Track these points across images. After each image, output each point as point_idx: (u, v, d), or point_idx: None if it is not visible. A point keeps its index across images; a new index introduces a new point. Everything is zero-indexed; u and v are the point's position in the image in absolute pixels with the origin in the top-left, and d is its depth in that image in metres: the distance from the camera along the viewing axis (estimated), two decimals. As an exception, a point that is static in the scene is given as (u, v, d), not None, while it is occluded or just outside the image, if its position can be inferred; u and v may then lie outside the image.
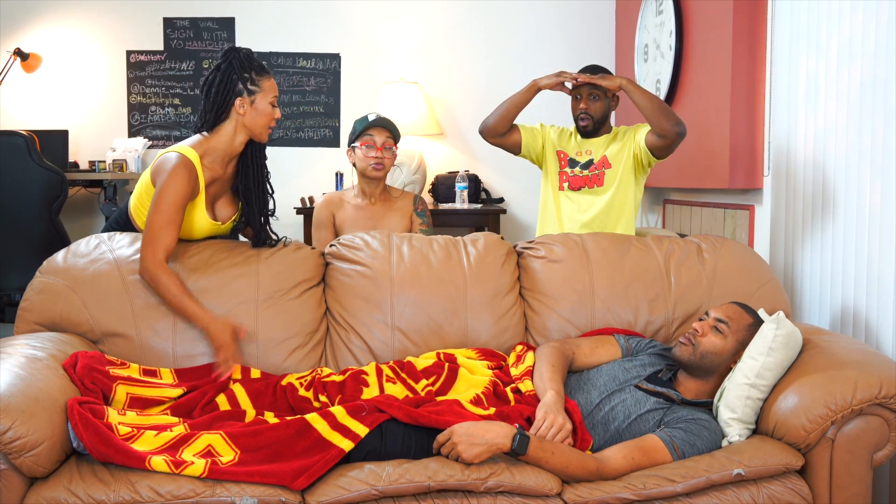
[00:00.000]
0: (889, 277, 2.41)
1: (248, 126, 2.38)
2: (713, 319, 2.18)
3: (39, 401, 1.81)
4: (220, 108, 2.35)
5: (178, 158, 2.30)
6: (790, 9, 2.96)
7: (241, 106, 2.35)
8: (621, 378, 2.19)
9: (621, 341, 2.34)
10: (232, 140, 2.39)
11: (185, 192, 2.28)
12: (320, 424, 1.89)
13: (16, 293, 3.80)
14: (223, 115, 2.36)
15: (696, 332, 2.16)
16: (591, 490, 1.86)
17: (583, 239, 2.62)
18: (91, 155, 4.69)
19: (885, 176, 2.42)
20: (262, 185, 2.50)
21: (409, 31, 4.80)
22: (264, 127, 2.40)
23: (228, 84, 2.34)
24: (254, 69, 2.37)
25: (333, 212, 3.04)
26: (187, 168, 2.29)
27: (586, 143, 3.08)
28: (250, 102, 2.36)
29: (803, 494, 1.93)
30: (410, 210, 3.05)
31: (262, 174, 2.50)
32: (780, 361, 2.08)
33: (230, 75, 2.35)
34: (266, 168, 2.53)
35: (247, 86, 2.35)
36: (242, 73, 2.35)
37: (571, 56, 4.72)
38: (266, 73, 2.40)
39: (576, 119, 3.06)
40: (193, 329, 2.31)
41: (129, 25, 4.74)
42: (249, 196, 2.48)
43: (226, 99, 2.35)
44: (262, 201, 2.50)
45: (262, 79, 2.37)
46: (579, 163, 3.06)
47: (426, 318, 2.43)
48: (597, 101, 3.01)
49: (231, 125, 2.38)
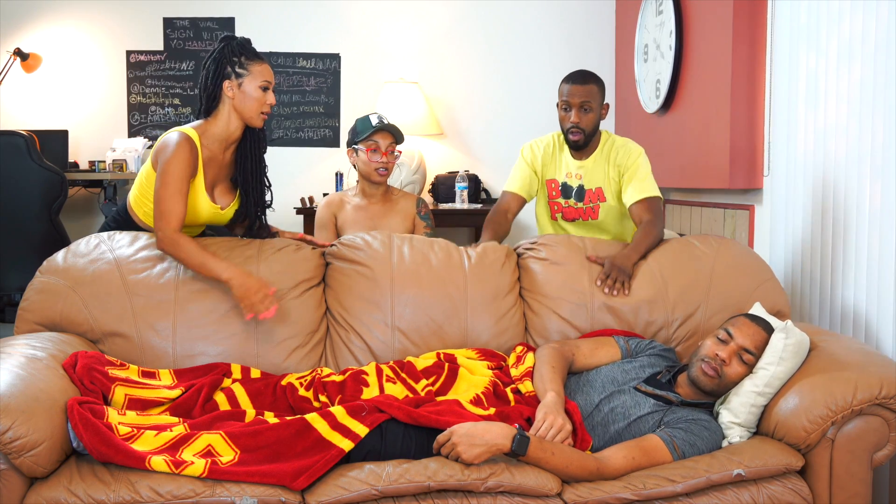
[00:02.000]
0: (889, 277, 2.40)
1: (238, 110, 2.40)
2: (739, 347, 2.10)
3: (39, 401, 1.81)
4: (211, 92, 2.40)
5: (179, 136, 2.35)
6: (790, 9, 2.96)
7: (229, 89, 2.38)
8: (620, 380, 2.19)
9: (621, 343, 2.34)
10: (227, 124, 2.42)
11: (188, 164, 2.32)
12: (320, 424, 1.89)
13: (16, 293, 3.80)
14: (215, 100, 2.41)
15: (722, 363, 2.09)
16: (591, 490, 1.86)
17: (584, 241, 2.62)
18: (91, 155, 4.69)
19: (885, 176, 2.42)
20: (260, 176, 2.52)
21: (409, 31, 4.80)
22: (255, 111, 2.41)
23: (219, 68, 2.39)
24: (244, 54, 2.40)
25: (335, 213, 3.05)
26: (189, 143, 2.34)
27: (578, 163, 2.86)
28: (238, 85, 2.38)
29: (803, 495, 1.93)
30: (412, 212, 3.05)
31: (259, 166, 2.52)
32: (790, 370, 2.08)
33: (220, 60, 2.40)
34: (264, 161, 2.55)
35: (234, 69, 2.38)
36: (232, 57, 2.39)
37: (571, 56, 4.72)
38: (257, 59, 2.41)
39: (565, 132, 2.83)
40: (193, 329, 2.31)
41: (129, 25, 4.74)
42: (247, 187, 2.50)
43: (216, 83, 2.39)
44: (258, 192, 2.53)
45: (251, 63, 2.39)
46: (572, 189, 2.88)
47: (426, 319, 2.43)
48: (588, 112, 2.78)
49: (225, 109, 2.41)
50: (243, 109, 2.40)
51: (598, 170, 2.86)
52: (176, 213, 2.30)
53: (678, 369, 2.23)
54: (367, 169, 2.96)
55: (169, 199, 2.30)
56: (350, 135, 3.03)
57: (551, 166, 2.92)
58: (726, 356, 2.09)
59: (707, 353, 2.12)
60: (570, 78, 2.82)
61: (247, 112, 2.41)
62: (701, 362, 2.11)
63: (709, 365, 2.09)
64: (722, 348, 2.11)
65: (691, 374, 2.13)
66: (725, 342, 2.12)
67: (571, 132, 2.79)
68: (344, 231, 3.02)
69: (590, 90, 2.78)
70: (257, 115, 2.42)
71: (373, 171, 2.94)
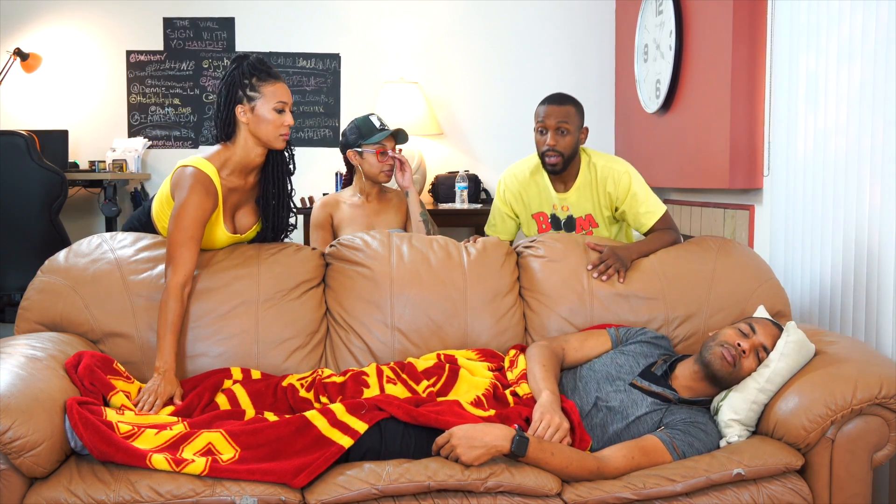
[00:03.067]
0: (889, 277, 2.41)
1: (255, 134, 2.34)
2: (759, 343, 2.10)
3: (39, 401, 1.81)
4: (225, 117, 2.34)
5: (194, 174, 2.28)
6: (790, 9, 2.96)
7: (242, 114, 2.32)
8: (615, 375, 2.18)
9: (611, 332, 2.33)
10: (246, 151, 2.36)
11: (203, 208, 2.27)
12: (320, 421, 1.90)
13: (16, 293, 3.80)
14: (230, 125, 2.34)
15: (742, 353, 2.08)
16: (590, 490, 1.86)
17: (583, 238, 2.62)
18: (91, 155, 4.69)
19: (885, 176, 2.42)
20: (283, 199, 2.47)
21: (409, 31, 4.80)
22: (273, 135, 2.34)
23: (231, 93, 2.33)
24: (255, 75, 2.32)
25: (331, 213, 3.07)
26: (203, 184, 2.28)
27: (561, 196, 2.77)
28: (251, 109, 2.32)
29: (803, 494, 1.93)
30: (404, 206, 3.06)
31: (283, 190, 2.46)
32: (791, 367, 2.07)
33: (231, 84, 2.33)
34: (288, 183, 2.48)
35: (246, 92, 2.31)
36: (243, 79, 2.31)
37: (571, 56, 4.72)
38: (270, 79, 2.33)
39: (542, 156, 2.70)
40: (194, 329, 2.31)
41: (129, 25, 4.74)
42: (268, 212, 2.46)
43: (228, 108, 2.33)
44: (280, 217, 2.48)
45: (263, 84, 2.32)
46: (561, 221, 2.80)
47: (426, 319, 2.43)
48: (566, 135, 2.64)
49: (242, 135, 2.35)
50: (259, 134, 2.33)
51: (584, 199, 2.76)
52: (183, 265, 2.25)
53: (675, 360, 2.22)
54: (374, 171, 2.97)
55: (181, 247, 2.25)
56: (351, 136, 3.01)
57: (536, 200, 2.82)
58: (747, 347, 2.09)
59: (728, 339, 2.10)
60: (547, 99, 2.72)
61: (263, 136, 2.34)
62: (721, 347, 2.09)
63: (728, 351, 2.08)
64: (744, 340, 2.10)
65: (705, 356, 2.10)
66: (747, 335, 2.12)
67: (548, 155, 2.67)
68: (341, 229, 3.03)
69: (567, 111, 2.67)
70: (276, 137, 2.35)
71: (380, 172, 2.97)
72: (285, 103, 2.34)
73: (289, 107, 2.36)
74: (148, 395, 2.09)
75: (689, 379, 2.15)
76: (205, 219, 2.29)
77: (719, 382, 2.11)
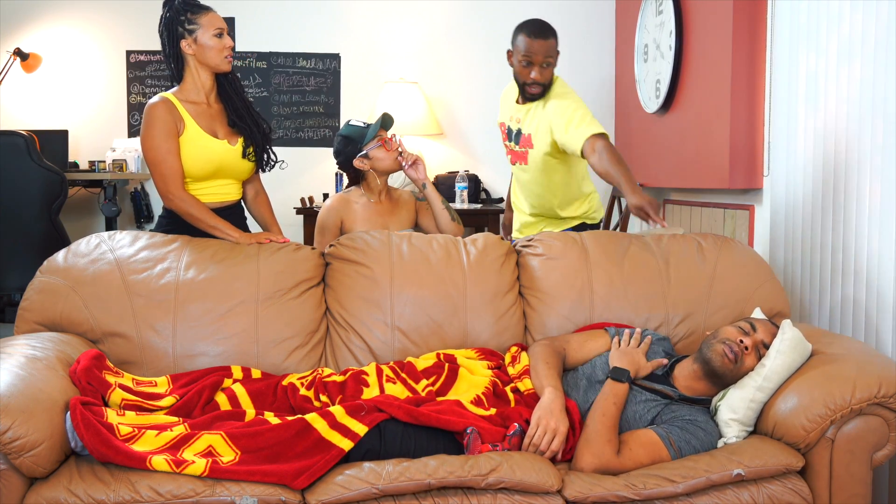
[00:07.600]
0: (889, 277, 2.41)
1: (202, 62, 2.56)
2: (760, 341, 2.11)
3: (39, 401, 1.81)
4: (174, 56, 2.56)
5: (148, 105, 2.52)
6: (790, 9, 2.96)
7: (188, 47, 2.54)
8: None
9: (612, 332, 2.32)
10: (197, 78, 2.58)
11: (164, 120, 2.47)
12: (320, 424, 1.89)
13: (15, 293, 3.80)
14: (180, 61, 2.57)
15: (744, 350, 2.09)
16: (591, 486, 1.86)
17: (581, 237, 2.61)
18: (91, 155, 4.69)
19: (885, 176, 2.42)
20: (249, 111, 2.67)
21: (409, 31, 4.80)
22: (219, 58, 2.56)
23: (172, 33, 2.54)
24: (189, 10, 2.54)
25: (342, 216, 2.99)
26: (159, 103, 2.50)
27: (517, 107, 2.93)
28: (194, 41, 2.54)
29: (803, 494, 1.93)
30: (413, 205, 3.06)
31: (245, 103, 2.67)
32: (788, 364, 2.07)
33: (170, 24, 2.54)
34: (245, 96, 2.70)
35: (185, 27, 2.53)
36: (179, 17, 2.53)
37: (571, 56, 4.72)
38: (202, 10, 2.56)
39: (523, 86, 2.85)
40: (193, 329, 2.31)
41: (129, 25, 4.74)
42: (243, 123, 2.64)
43: (175, 47, 2.55)
44: (255, 125, 2.66)
45: (198, 16, 2.54)
46: (513, 132, 2.95)
47: (426, 318, 2.43)
48: (549, 67, 2.81)
49: (191, 66, 2.57)
50: (206, 60, 2.55)
51: (532, 118, 2.88)
52: (172, 174, 2.48)
53: (675, 360, 2.22)
54: (387, 162, 2.91)
55: (162, 163, 2.47)
56: (348, 147, 2.91)
57: (507, 110, 3.00)
58: (749, 344, 2.09)
59: (730, 336, 2.11)
60: (531, 32, 2.79)
61: (211, 61, 2.56)
62: (722, 344, 2.10)
63: (730, 348, 2.08)
64: (745, 337, 2.11)
65: (705, 354, 2.11)
66: (748, 333, 2.12)
67: (531, 86, 2.82)
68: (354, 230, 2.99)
69: (550, 45, 2.79)
70: (221, 60, 2.56)
71: (394, 160, 2.93)
72: (222, 28, 2.57)
73: (226, 31, 2.59)
74: (252, 238, 2.51)
75: (688, 378, 2.15)
76: (170, 130, 2.48)
77: (719, 380, 2.11)
